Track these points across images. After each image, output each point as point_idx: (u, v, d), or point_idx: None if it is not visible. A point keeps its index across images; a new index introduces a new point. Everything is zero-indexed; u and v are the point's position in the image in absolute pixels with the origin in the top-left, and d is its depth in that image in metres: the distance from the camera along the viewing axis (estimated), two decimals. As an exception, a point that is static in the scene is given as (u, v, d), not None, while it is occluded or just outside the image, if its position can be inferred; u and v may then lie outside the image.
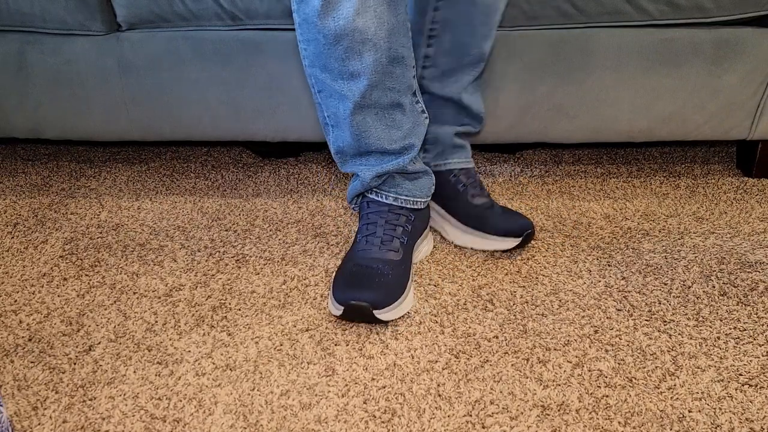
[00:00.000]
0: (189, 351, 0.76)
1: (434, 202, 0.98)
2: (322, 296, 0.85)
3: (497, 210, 0.94)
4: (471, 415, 0.66)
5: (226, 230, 1.01)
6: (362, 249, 0.84)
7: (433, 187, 0.91)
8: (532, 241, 0.96)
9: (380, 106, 0.79)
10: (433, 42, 0.88)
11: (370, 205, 0.87)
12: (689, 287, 0.85)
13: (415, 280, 0.87)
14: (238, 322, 0.81)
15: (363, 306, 0.76)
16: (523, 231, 0.90)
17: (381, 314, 0.77)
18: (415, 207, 0.88)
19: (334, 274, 0.85)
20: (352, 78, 0.75)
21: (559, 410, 0.67)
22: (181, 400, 0.69)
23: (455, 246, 0.95)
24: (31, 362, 0.76)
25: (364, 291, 0.77)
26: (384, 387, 0.70)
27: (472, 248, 0.94)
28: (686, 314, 0.80)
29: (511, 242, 0.91)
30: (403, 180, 0.86)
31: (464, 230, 0.94)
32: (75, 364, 0.75)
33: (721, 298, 0.83)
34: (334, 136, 0.84)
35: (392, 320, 0.79)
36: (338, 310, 0.78)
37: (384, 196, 0.87)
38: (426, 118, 0.85)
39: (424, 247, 0.93)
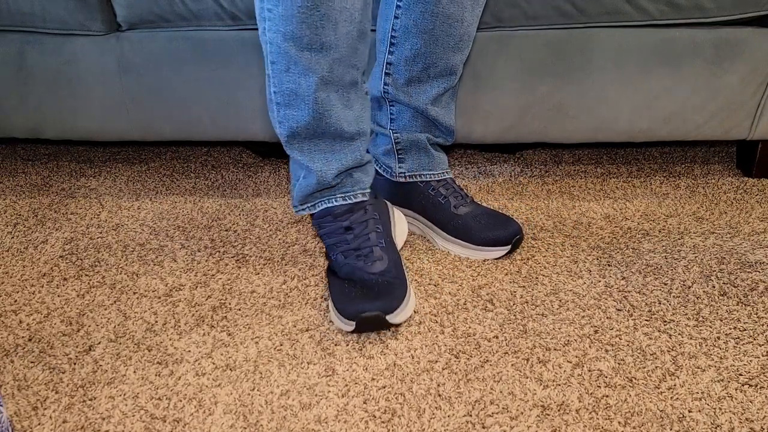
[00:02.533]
0: (189, 351, 0.76)
1: (418, 214, 0.97)
2: (321, 296, 0.85)
3: (482, 219, 0.92)
4: (471, 415, 0.66)
5: (226, 230, 1.01)
6: (344, 264, 0.81)
7: (374, 169, 0.89)
8: (532, 241, 0.96)
9: (341, 84, 0.74)
10: (395, 50, 0.86)
11: (325, 220, 0.84)
12: (689, 287, 0.85)
13: (416, 280, 0.87)
14: (238, 322, 0.81)
15: (375, 315, 0.74)
16: (511, 238, 0.89)
17: (393, 318, 0.75)
18: (366, 197, 0.85)
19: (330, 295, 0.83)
20: (322, 50, 0.69)
21: (559, 410, 0.67)
22: (181, 400, 0.69)
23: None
24: (31, 362, 0.76)
25: (371, 301, 0.75)
26: (384, 387, 0.70)
27: (465, 257, 0.93)
28: (686, 314, 0.80)
29: (499, 251, 0.90)
30: (359, 173, 0.84)
31: (453, 241, 0.93)
32: (75, 364, 0.75)
33: (721, 298, 0.83)
34: (284, 115, 0.77)
35: (405, 321, 0.79)
36: (350, 326, 0.75)
37: (342, 199, 0.83)
38: (369, 99, 0.83)
39: (398, 228, 0.90)
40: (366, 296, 0.76)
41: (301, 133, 0.78)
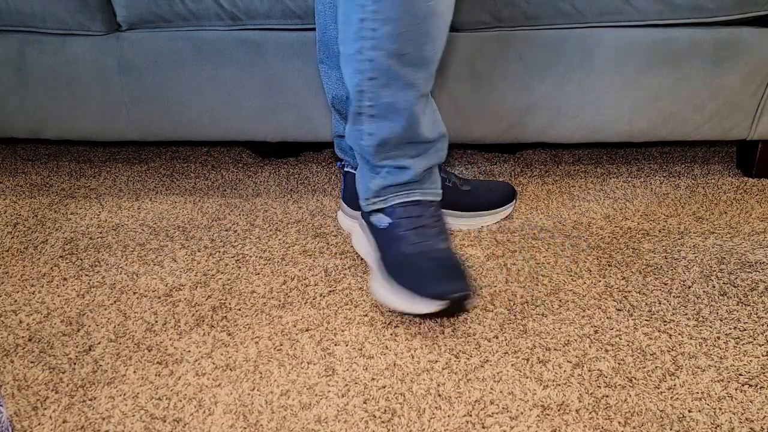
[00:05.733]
0: (189, 351, 0.76)
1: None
2: (321, 296, 0.85)
3: (482, 187, 1.00)
4: (471, 415, 0.66)
5: (226, 230, 1.01)
6: (417, 242, 0.80)
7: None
8: (532, 241, 0.96)
9: (427, 93, 0.78)
10: None
11: (408, 208, 0.83)
12: (689, 287, 0.85)
13: (415, 280, 0.87)
14: (238, 322, 0.81)
15: (465, 296, 0.74)
16: (512, 197, 1.00)
17: (469, 303, 0.77)
18: (438, 198, 0.86)
19: (384, 276, 0.80)
20: (422, 64, 0.73)
21: (559, 410, 0.67)
22: (181, 400, 0.69)
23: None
24: (31, 362, 0.75)
25: (457, 280, 0.76)
26: (384, 387, 0.70)
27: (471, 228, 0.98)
28: (686, 314, 0.80)
29: (509, 208, 1.00)
30: (436, 173, 0.85)
31: (467, 215, 0.98)
32: (75, 364, 0.75)
33: (721, 298, 0.83)
34: (376, 127, 0.78)
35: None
36: (438, 306, 0.74)
37: (421, 194, 0.83)
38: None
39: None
40: (452, 276, 0.76)
41: (391, 142, 0.79)
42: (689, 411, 0.66)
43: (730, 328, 0.77)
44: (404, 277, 0.78)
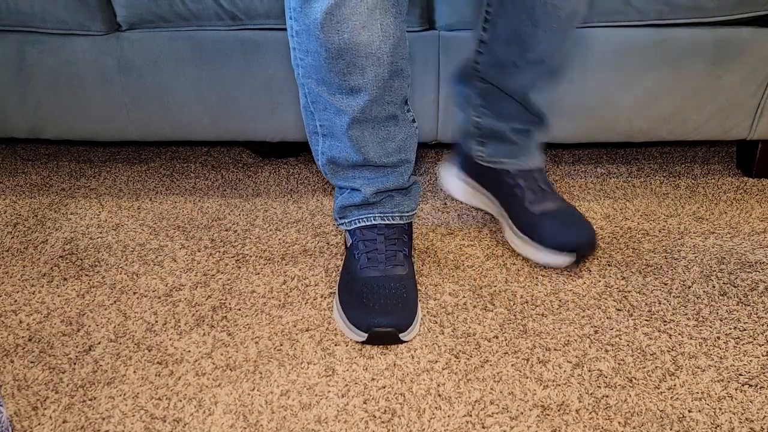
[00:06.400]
0: (189, 351, 0.76)
1: (495, 198, 0.94)
2: (322, 296, 0.85)
3: (557, 219, 0.86)
4: (471, 415, 0.66)
5: (226, 230, 1.01)
6: (366, 266, 0.81)
7: (420, 193, 0.89)
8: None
9: (377, 120, 0.76)
10: (488, 27, 0.80)
11: (364, 231, 0.84)
12: (689, 287, 0.85)
13: (416, 280, 0.87)
14: (238, 322, 0.81)
15: (389, 332, 0.74)
16: (576, 246, 0.83)
17: (405, 336, 0.75)
18: (409, 221, 0.86)
19: (336, 294, 0.82)
20: (351, 93, 0.72)
21: (559, 410, 0.67)
22: (181, 400, 0.69)
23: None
24: (31, 362, 0.76)
25: (386, 315, 0.75)
26: (384, 387, 0.70)
27: (527, 257, 0.89)
28: (686, 314, 0.80)
29: (563, 258, 0.84)
30: (400, 196, 0.84)
31: (519, 236, 0.89)
32: (75, 364, 0.75)
33: (721, 298, 0.83)
34: (327, 146, 0.80)
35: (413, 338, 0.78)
36: (361, 337, 0.75)
37: (381, 218, 0.83)
38: (416, 127, 0.82)
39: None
40: (382, 309, 0.75)
41: (342, 163, 0.81)
42: (689, 411, 0.66)
43: (730, 328, 0.77)
44: (342, 301, 0.80)
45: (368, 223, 0.84)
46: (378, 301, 0.76)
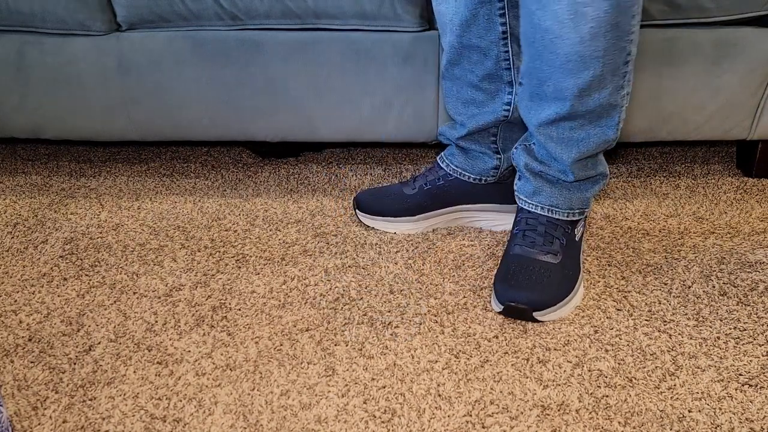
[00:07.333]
0: (189, 351, 0.76)
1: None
2: (322, 296, 0.85)
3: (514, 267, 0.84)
4: (471, 415, 0.66)
5: (226, 230, 1.01)
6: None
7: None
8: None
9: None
10: (516, 58, 0.84)
11: (524, 212, 0.86)
12: (689, 287, 0.85)
13: (417, 281, 0.87)
14: (238, 322, 0.81)
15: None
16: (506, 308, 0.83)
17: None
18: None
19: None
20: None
21: (559, 410, 0.67)
22: (181, 400, 0.69)
23: (455, 246, 0.95)
24: (31, 362, 0.76)
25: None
26: (384, 387, 0.70)
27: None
28: (686, 314, 0.80)
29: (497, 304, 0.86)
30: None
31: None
32: (75, 364, 0.75)
33: (721, 298, 0.83)
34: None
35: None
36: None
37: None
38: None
39: None
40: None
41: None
42: (689, 411, 0.66)
43: (730, 328, 0.77)
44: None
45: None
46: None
